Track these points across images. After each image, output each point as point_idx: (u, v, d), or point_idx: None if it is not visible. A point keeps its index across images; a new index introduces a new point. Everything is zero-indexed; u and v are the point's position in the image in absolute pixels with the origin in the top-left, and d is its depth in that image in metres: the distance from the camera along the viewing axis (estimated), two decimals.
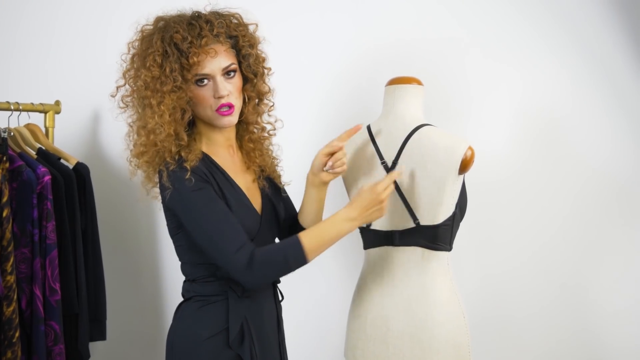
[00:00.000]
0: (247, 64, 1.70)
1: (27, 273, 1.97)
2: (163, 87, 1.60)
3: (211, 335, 1.64)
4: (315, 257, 1.63)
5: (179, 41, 1.60)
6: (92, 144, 2.51)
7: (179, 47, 1.60)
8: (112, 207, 2.50)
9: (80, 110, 2.51)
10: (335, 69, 2.48)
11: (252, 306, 1.69)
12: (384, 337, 1.82)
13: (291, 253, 1.60)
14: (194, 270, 1.71)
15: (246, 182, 1.76)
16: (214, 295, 1.68)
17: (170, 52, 1.60)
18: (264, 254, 1.60)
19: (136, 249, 2.56)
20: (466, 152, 1.74)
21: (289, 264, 1.60)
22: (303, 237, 1.62)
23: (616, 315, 2.33)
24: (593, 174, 2.34)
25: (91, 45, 2.52)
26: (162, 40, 1.61)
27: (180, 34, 1.60)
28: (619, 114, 2.34)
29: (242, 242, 1.59)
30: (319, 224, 1.67)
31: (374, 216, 1.67)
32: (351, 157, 1.91)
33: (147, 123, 1.63)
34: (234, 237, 1.59)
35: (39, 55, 2.48)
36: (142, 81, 1.63)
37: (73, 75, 2.51)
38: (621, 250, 2.34)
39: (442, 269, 1.80)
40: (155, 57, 1.60)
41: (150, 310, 2.56)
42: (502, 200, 2.40)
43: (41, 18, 2.48)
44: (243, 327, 1.66)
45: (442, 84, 2.38)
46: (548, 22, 2.37)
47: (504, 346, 2.39)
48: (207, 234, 1.60)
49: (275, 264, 1.60)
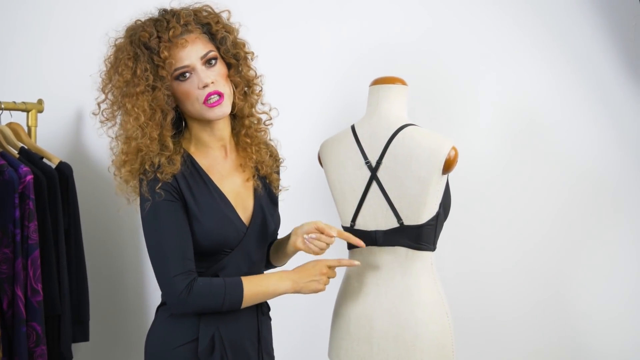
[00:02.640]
0: (225, 49, 1.64)
1: (8, 273, 1.95)
2: (136, 88, 1.56)
3: (181, 344, 1.62)
4: (247, 305, 1.63)
5: (147, 39, 1.56)
6: (75, 143, 2.49)
7: (148, 46, 1.57)
8: (95, 207, 2.48)
9: (63, 109, 2.50)
10: (319, 68, 2.48)
11: (225, 318, 1.65)
12: (368, 337, 1.82)
13: (230, 294, 1.59)
14: None
15: (236, 186, 1.71)
16: None
17: (140, 53, 1.56)
18: (204, 286, 1.58)
19: (119, 250, 2.54)
20: (450, 152, 1.75)
21: (224, 303, 1.59)
22: (246, 282, 1.61)
23: (600, 318, 2.35)
24: (578, 174, 2.36)
25: (74, 43, 2.50)
26: (131, 43, 1.58)
27: (147, 32, 1.57)
28: (603, 114, 2.36)
29: (184, 268, 1.56)
30: (261, 275, 1.67)
31: (311, 286, 1.68)
32: (336, 157, 1.91)
33: (126, 130, 1.60)
34: (177, 262, 1.56)
35: (21, 54, 2.46)
36: (116, 89, 1.59)
37: (56, 73, 2.49)
38: (606, 252, 2.36)
39: (426, 268, 1.81)
40: (125, 61, 1.57)
41: (133, 311, 2.54)
42: (486, 200, 2.41)
43: (23, 16, 2.46)
44: (214, 338, 1.63)
45: (426, 83, 2.39)
46: (532, 22, 2.39)
47: (488, 346, 2.40)
48: (153, 250, 1.59)
49: (212, 299, 1.58)
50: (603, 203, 2.36)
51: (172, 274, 1.55)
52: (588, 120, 2.37)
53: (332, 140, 1.95)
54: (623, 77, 2.34)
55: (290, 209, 2.06)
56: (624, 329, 2.34)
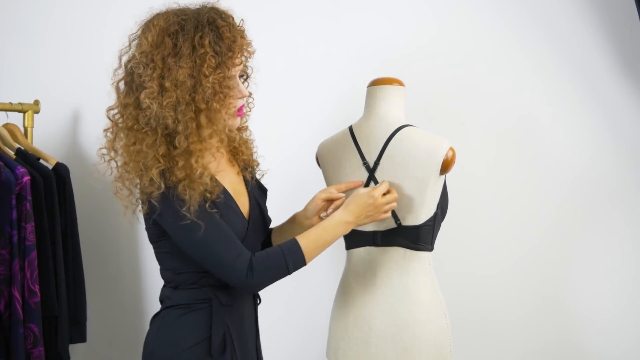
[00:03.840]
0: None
1: (5, 275, 1.95)
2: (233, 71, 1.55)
3: (193, 345, 1.61)
4: (312, 259, 1.63)
5: (231, 42, 1.54)
6: (72, 144, 2.49)
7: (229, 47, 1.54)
8: (92, 208, 2.48)
9: (59, 110, 2.49)
10: (316, 69, 2.48)
11: (234, 313, 1.66)
12: (367, 337, 1.82)
13: (290, 257, 1.58)
14: (177, 277, 1.65)
15: (233, 181, 1.71)
16: (197, 302, 1.63)
17: (209, 31, 1.52)
18: (263, 259, 1.58)
19: (116, 251, 2.54)
20: (447, 152, 1.75)
21: (288, 268, 1.58)
22: (301, 240, 1.61)
23: (598, 319, 2.35)
24: (575, 175, 2.37)
25: (71, 43, 2.50)
26: (199, 23, 1.52)
27: (219, 17, 1.54)
28: (600, 114, 2.37)
29: (238, 248, 1.57)
30: (316, 228, 1.66)
31: (367, 220, 1.69)
32: (333, 158, 1.91)
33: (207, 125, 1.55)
34: (231, 244, 1.56)
35: (18, 54, 2.45)
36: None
37: (52, 74, 2.49)
38: (604, 253, 2.36)
39: (423, 269, 1.81)
40: (198, 39, 1.51)
41: (130, 312, 2.54)
42: (483, 201, 2.42)
43: (20, 17, 2.46)
44: (225, 335, 1.63)
45: (423, 84, 2.39)
46: (528, 24, 2.39)
47: (486, 346, 2.40)
48: (203, 251, 1.55)
49: (275, 268, 1.58)
50: (600, 204, 2.36)
51: (230, 262, 1.54)
52: (585, 121, 2.37)
53: (329, 141, 1.95)
54: (619, 77, 2.35)
55: (288, 209, 2.06)
56: (621, 330, 2.34)
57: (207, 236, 1.54)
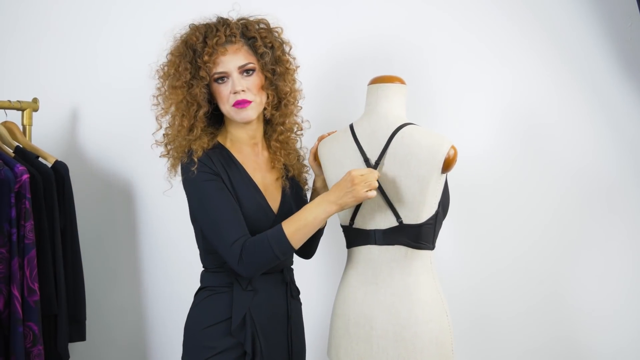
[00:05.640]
0: (264, 63, 1.84)
1: (5, 273, 1.94)
2: (175, 82, 1.80)
3: (214, 323, 1.79)
4: (300, 241, 1.73)
5: (194, 42, 1.80)
6: (71, 142, 2.48)
7: (194, 48, 1.80)
8: (92, 206, 2.48)
9: (58, 108, 2.49)
10: (317, 67, 2.48)
11: (256, 299, 1.81)
12: (368, 336, 1.82)
13: (275, 242, 1.71)
14: (206, 258, 1.86)
15: (266, 180, 1.89)
16: (220, 286, 1.82)
17: (186, 53, 1.80)
18: (250, 246, 1.71)
19: (116, 249, 2.53)
20: (449, 151, 1.75)
21: (273, 250, 1.71)
22: (285, 224, 1.73)
23: (597, 316, 2.36)
24: (575, 173, 2.36)
25: (70, 42, 2.49)
26: (183, 43, 1.82)
27: (195, 36, 1.80)
28: (600, 114, 2.37)
29: (239, 234, 1.72)
30: (300, 211, 1.76)
31: (349, 198, 1.72)
32: (334, 156, 1.91)
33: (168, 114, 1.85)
34: (233, 229, 1.72)
35: (16, 52, 2.45)
36: (163, 79, 1.85)
37: (51, 72, 2.48)
38: (603, 251, 2.36)
39: (425, 267, 1.81)
40: (174, 58, 1.82)
41: (130, 310, 2.54)
42: (484, 199, 2.41)
43: (19, 16, 2.45)
44: (246, 318, 1.78)
45: (424, 82, 2.39)
46: (529, 23, 2.39)
47: (487, 344, 2.40)
48: (210, 224, 1.74)
49: (261, 252, 1.70)
50: (600, 202, 2.36)
51: (229, 245, 1.71)
52: (585, 120, 2.37)
53: (330, 139, 1.95)
54: (620, 77, 2.35)
55: None
56: (620, 327, 2.35)
57: (214, 214, 1.73)
